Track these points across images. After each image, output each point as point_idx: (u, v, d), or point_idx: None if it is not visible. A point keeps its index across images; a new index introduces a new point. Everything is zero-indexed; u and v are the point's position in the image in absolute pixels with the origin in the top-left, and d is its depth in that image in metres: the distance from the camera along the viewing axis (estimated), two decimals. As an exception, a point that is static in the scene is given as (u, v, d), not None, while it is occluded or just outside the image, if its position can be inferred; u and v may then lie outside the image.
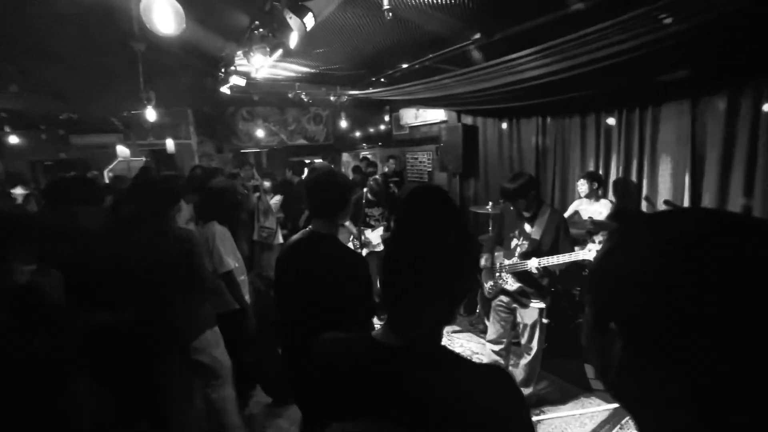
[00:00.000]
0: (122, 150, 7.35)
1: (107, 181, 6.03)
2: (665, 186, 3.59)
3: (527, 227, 2.47)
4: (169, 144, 6.70)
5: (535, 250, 2.41)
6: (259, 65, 2.92)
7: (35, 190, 4.51)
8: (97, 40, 2.99)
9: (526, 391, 2.65)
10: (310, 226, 1.61)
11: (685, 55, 2.69)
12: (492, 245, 2.70)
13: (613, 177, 3.96)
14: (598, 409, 2.59)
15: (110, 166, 7.39)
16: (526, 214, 2.47)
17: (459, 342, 3.60)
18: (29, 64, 3.51)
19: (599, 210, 3.50)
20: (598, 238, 3.39)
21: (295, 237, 1.64)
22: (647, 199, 3.65)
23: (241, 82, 3.51)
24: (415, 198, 0.81)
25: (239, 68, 3.52)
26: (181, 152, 7.20)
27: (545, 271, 2.36)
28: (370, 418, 0.67)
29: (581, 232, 3.41)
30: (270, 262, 3.60)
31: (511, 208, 2.48)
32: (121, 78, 4.04)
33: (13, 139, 6.55)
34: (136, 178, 3.17)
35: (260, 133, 7.53)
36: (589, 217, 3.29)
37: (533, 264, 2.33)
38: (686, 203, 3.39)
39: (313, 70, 4.12)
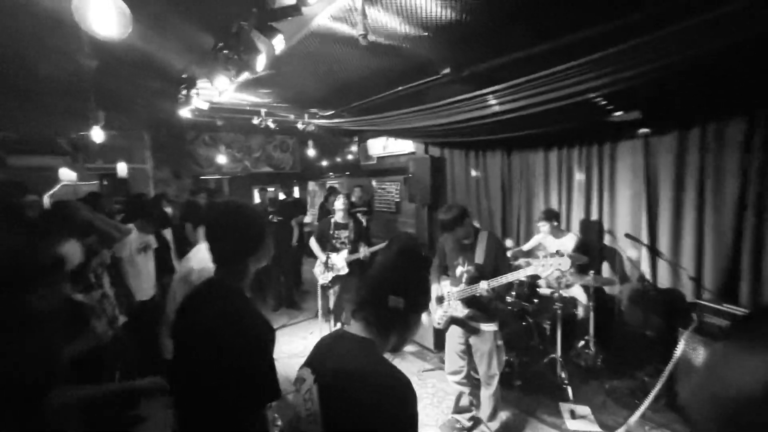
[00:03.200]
0: (66, 173, 6.76)
1: (47, 206, 5.47)
2: (624, 219, 3.72)
3: (470, 254, 2.51)
4: (121, 168, 6.25)
5: (481, 274, 2.45)
6: (223, 89, 2.78)
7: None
8: (42, 54, 2.73)
9: (494, 426, 2.60)
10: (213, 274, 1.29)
11: (628, 100, 2.88)
12: (437, 275, 2.72)
13: (575, 209, 4.08)
14: (575, 452, 2.47)
15: (52, 191, 6.77)
16: (466, 242, 2.52)
17: (431, 382, 3.41)
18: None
19: (564, 243, 3.54)
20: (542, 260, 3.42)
21: (196, 287, 1.31)
22: (609, 232, 3.75)
23: (204, 105, 3.33)
24: (395, 245, 1.08)
25: (201, 91, 3.35)
26: (136, 177, 6.74)
27: (494, 292, 2.41)
28: (305, 367, 1.03)
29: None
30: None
31: (452, 237, 2.52)
32: (69, 96, 3.74)
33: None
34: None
35: (222, 159, 7.24)
36: (557, 250, 3.31)
37: (483, 286, 2.37)
38: (644, 236, 3.52)
39: (274, 102, 4.04)
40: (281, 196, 5.77)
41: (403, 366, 3.70)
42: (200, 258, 2.15)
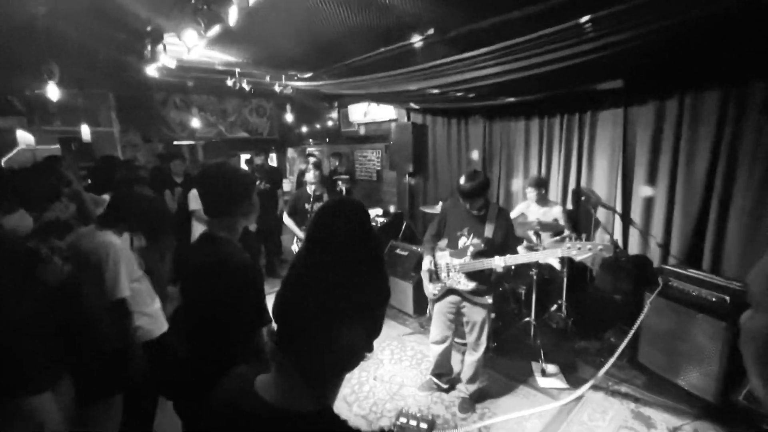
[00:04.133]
0: (24, 136, 6.29)
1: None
2: (600, 188, 3.81)
3: (480, 226, 2.45)
4: (85, 131, 5.87)
5: (490, 248, 2.40)
6: (192, 44, 2.58)
7: None
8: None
9: (472, 387, 2.68)
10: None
11: (613, 67, 2.87)
12: (433, 245, 2.67)
13: (554, 178, 4.14)
14: (545, 407, 2.63)
15: (9, 155, 6.30)
16: (476, 213, 2.45)
17: (410, 345, 3.51)
18: None
19: (549, 214, 3.59)
20: (547, 239, 3.50)
21: (194, 241, 1.54)
22: (587, 201, 3.83)
23: (171, 63, 3.09)
24: (325, 215, 0.69)
25: (169, 47, 3.10)
26: (101, 141, 6.34)
27: (506, 268, 2.37)
28: None
29: (527, 232, 3.49)
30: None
31: (468, 206, 2.43)
32: (17, 47, 3.39)
33: None
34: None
35: (195, 123, 6.87)
36: (537, 219, 3.38)
37: (499, 263, 2.32)
38: (618, 205, 3.63)
39: (248, 61, 3.80)
40: (258, 162, 5.54)
41: (384, 330, 3.77)
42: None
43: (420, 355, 3.34)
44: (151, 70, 3.48)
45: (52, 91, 2.92)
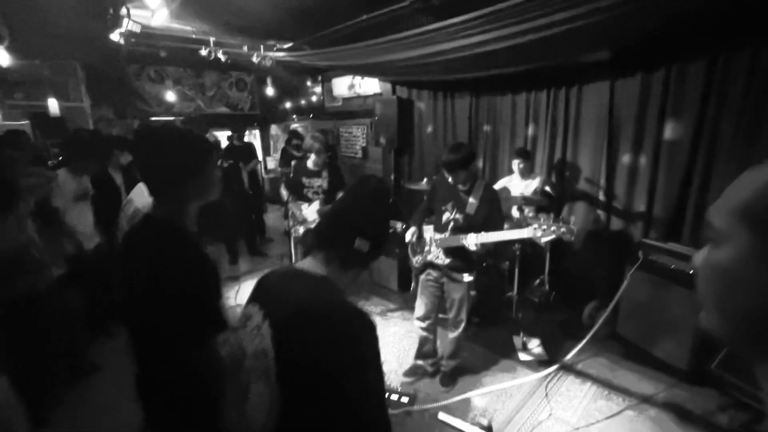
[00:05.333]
0: (-14, 111, 5.95)
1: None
2: (585, 162, 3.78)
3: (463, 201, 2.39)
4: (52, 104, 5.55)
5: (471, 225, 2.35)
6: (155, 5, 2.40)
7: None
8: None
9: (452, 363, 2.68)
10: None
11: (600, 36, 2.78)
12: (420, 218, 2.62)
13: (540, 152, 4.10)
14: (525, 379, 2.67)
15: (-28, 131, 5.97)
16: (462, 188, 2.39)
17: (394, 321, 3.52)
18: None
19: (529, 185, 3.57)
20: (530, 213, 3.49)
21: (133, 225, 1.18)
22: (572, 176, 3.80)
23: (136, 28, 2.89)
24: (364, 186, 1.06)
25: (134, 11, 2.90)
26: (71, 116, 6.03)
27: (482, 247, 2.31)
28: (252, 303, 0.95)
29: (510, 206, 3.47)
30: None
31: (450, 180, 2.36)
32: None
33: None
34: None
35: (171, 97, 6.58)
36: (521, 194, 3.35)
37: (471, 241, 2.27)
38: (602, 179, 3.62)
39: (221, 30, 3.58)
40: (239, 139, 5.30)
41: (368, 306, 3.78)
42: (145, 197, 1.96)
43: (403, 330, 3.35)
44: (117, 37, 3.26)
45: (2, 57, 2.70)
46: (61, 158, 3.61)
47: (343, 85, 6.45)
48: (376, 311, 3.70)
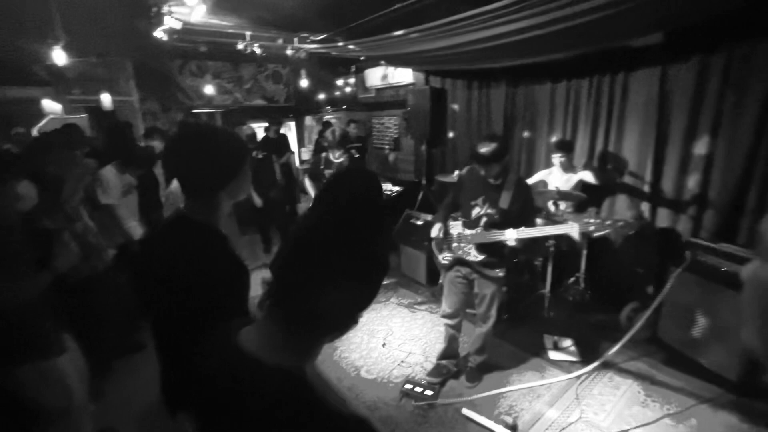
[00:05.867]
0: (51, 105, 6.45)
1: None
2: (630, 154, 3.55)
3: (496, 196, 2.32)
4: (105, 99, 5.93)
5: (505, 220, 2.28)
6: (193, 2, 2.48)
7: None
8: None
9: (479, 358, 2.64)
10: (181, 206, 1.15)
11: (653, 17, 2.56)
12: (446, 213, 2.55)
13: (580, 144, 3.89)
14: (554, 380, 2.59)
15: (41, 124, 6.52)
16: (493, 182, 2.31)
17: (421, 314, 3.51)
18: None
19: (570, 179, 3.39)
20: (564, 207, 3.34)
21: (162, 221, 1.18)
22: (615, 169, 3.58)
23: (177, 24, 3.01)
24: (335, 180, 0.74)
25: (174, 8, 3.02)
26: (122, 110, 6.43)
27: (520, 242, 2.24)
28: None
29: (545, 200, 3.33)
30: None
31: (482, 173, 2.30)
32: (34, 17, 3.39)
33: None
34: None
35: (211, 90, 6.83)
36: (556, 187, 3.20)
37: (511, 236, 2.20)
38: (648, 174, 3.39)
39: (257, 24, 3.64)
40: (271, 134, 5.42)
41: (395, 299, 3.80)
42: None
43: (430, 323, 3.34)
44: (160, 34, 3.42)
45: (59, 57, 2.91)
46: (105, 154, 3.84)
47: (376, 76, 6.43)
48: (404, 303, 3.71)
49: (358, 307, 0.64)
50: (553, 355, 2.84)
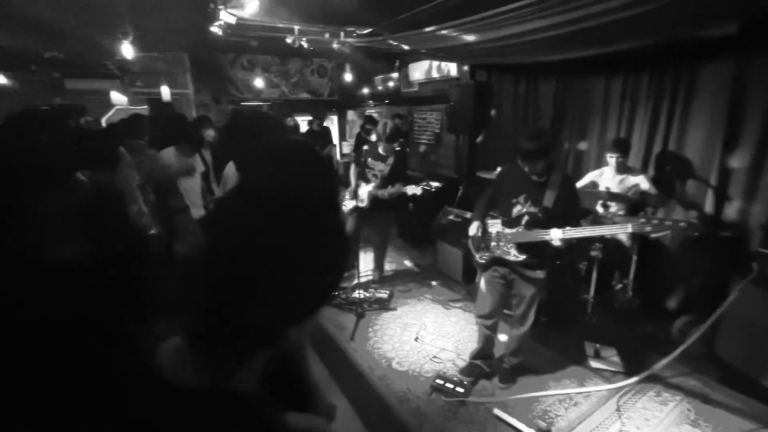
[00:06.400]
0: (118, 97, 7.01)
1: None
2: (694, 156, 3.28)
3: (539, 194, 2.23)
4: (165, 91, 6.36)
5: (549, 219, 2.19)
6: (248, -2, 2.59)
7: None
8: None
9: (514, 360, 2.56)
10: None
11: (728, 5, 2.32)
12: (484, 211, 2.48)
13: (636, 144, 3.64)
14: (595, 388, 2.47)
15: (108, 114, 7.11)
16: (537, 179, 2.23)
17: (455, 311, 3.48)
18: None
19: (624, 181, 3.19)
20: (614, 209, 3.15)
21: (219, 197, 1.39)
22: (674, 172, 3.33)
23: (231, 19, 3.16)
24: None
25: (230, 5, 3.16)
26: (178, 102, 6.86)
27: (565, 242, 2.13)
28: None
29: (594, 201, 3.16)
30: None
31: (526, 169, 2.22)
32: (111, 16, 3.69)
33: (0, 79, 6.22)
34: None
35: (260, 83, 7.11)
36: (606, 188, 3.02)
37: (556, 236, 2.10)
38: (713, 178, 3.11)
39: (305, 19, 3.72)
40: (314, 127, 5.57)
41: (430, 295, 3.78)
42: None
43: (464, 321, 3.29)
44: (216, 29, 3.60)
45: (127, 50, 3.15)
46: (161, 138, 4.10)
47: (420, 70, 6.37)
48: (438, 300, 3.68)
49: (283, 320, 0.50)
50: (595, 363, 2.71)
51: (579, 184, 3.50)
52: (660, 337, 2.94)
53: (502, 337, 2.79)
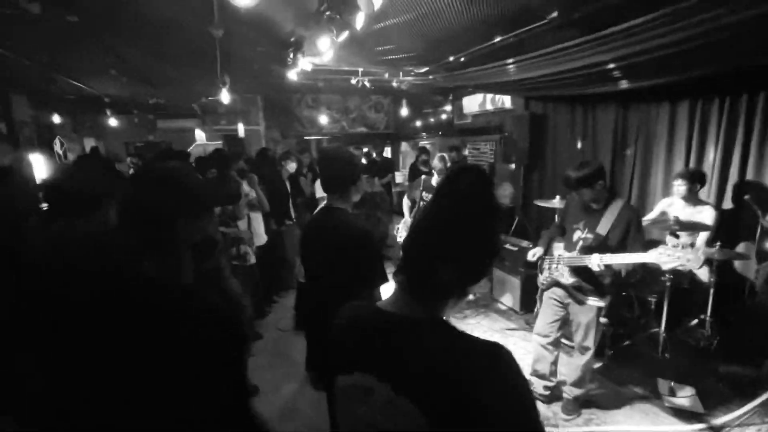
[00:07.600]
0: (200, 134, 8.01)
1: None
2: (775, 185, 3.08)
3: (595, 221, 2.27)
4: (240, 128, 7.15)
5: (600, 245, 2.22)
6: (325, 49, 2.97)
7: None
8: (179, 26, 3.21)
9: (577, 391, 2.48)
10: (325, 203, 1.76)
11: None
12: (549, 238, 2.57)
13: (709, 175, 3.47)
14: (673, 428, 2.32)
15: (189, 148, 8.11)
16: (594, 206, 2.28)
17: (512, 340, 3.44)
18: (123, 50, 3.89)
19: (697, 217, 3.06)
20: (675, 240, 3.02)
21: (315, 213, 1.93)
22: (752, 201, 3.13)
23: (308, 67, 3.59)
24: (456, 174, 0.81)
25: (306, 53, 3.61)
26: (250, 137, 7.66)
27: (608, 269, 2.16)
28: (362, 372, 0.73)
29: (664, 232, 3.06)
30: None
31: (581, 198, 2.29)
32: (200, 65, 4.36)
33: (113, 122, 7.41)
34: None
35: (323, 119, 7.75)
36: (675, 216, 2.92)
37: (594, 261, 2.15)
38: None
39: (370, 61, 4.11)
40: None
41: (486, 323, 3.77)
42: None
43: (522, 350, 3.24)
44: (292, 75, 4.08)
45: (225, 96, 3.69)
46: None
47: (473, 103, 6.58)
48: (495, 328, 3.67)
49: (466, 282, 0.76)
50: (670, 402, 2.54)
51: (651, 215, 3.42)
52: (745, 379, 2.69)
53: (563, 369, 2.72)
